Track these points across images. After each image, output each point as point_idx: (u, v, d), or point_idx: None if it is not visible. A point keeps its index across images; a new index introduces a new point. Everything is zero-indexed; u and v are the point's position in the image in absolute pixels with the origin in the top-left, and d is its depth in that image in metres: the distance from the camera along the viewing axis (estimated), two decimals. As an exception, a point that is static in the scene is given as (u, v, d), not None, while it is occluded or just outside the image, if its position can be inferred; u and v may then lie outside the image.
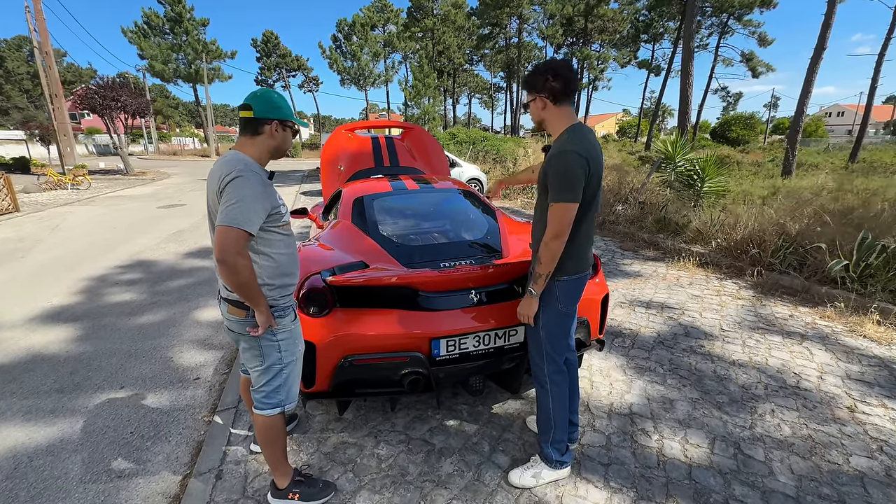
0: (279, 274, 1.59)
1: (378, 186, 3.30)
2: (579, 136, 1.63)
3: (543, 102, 1.67)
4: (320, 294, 2.00)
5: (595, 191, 1.67)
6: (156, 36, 33.76)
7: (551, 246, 1.64)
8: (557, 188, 1.59)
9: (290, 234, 1.65)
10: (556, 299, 1.77)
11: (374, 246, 2.44)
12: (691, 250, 5.10)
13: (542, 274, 1.69)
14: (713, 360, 2.87)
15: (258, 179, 1.46)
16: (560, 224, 1.61)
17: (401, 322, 2.00)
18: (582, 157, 1.57)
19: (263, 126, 1.53)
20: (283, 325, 1.62)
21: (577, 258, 1.74)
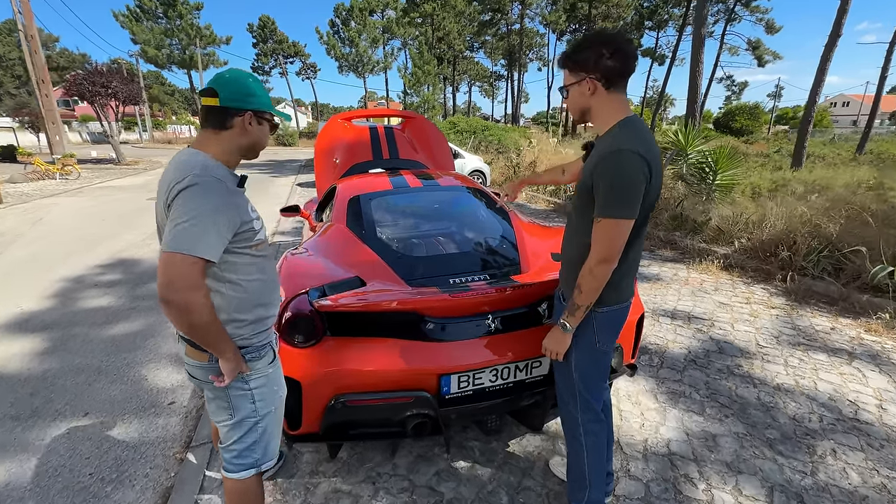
0: (252, 305, 1.26)
1: (376, 183, 2.94)
2: (636, 132, 1.27)
3: (593, 86, 1.29)
4: (307, 320, 1.66)
5: (653, 202, 1.33)
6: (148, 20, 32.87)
7: (597, 273, 1.29)
8: (610, 199, 1.24)
9: (265, 256, 1.31)
10: (594, 334, 1.43)
11: (371, 256, 2.09)
12: (713, 251, 4.76)
13: (582, 306, 1.35)
14: (755, 385, 2.55)
15: (221, 188, 1.12)
16: (611, 246, 1.27)
17: (404, 355, 1.66)
18: (642, 160, 1.21)
19: (233, 118, 1.19)
20: (258, 369, 1.30)
21: (622, 285, 1.41)
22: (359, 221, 2.43)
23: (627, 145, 1.22)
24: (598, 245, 1.28)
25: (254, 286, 1.25)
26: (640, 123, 1.31)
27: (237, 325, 1.23)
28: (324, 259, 2.13)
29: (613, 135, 1.29)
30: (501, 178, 10.76)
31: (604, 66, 1.27)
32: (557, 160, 11.26)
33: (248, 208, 1.23)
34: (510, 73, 45.68)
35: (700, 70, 14.27)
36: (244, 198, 1.23)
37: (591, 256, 1.29)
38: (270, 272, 1.34)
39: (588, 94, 1.31)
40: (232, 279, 1.20)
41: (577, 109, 1.38)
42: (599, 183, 1.25)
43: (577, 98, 1.35)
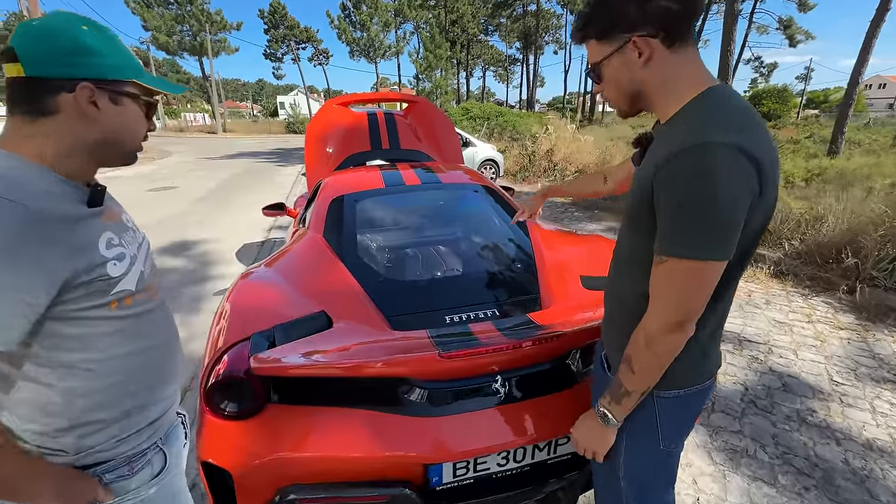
0: (117, 399, 0.81)
1: (366, 180, 2.44)
2: (732, 111, 0.76)
3: (646, 47, 0.78)
4: (241, 383, 1.19)
5: (760, 227, 0.81)
6: (159, 6, 32.55)
7: (660, 345, 0.81)
8: (685, 228, 0.74)
9: (145, 312, 0.84)
10: (656, 429, 0.93)
11: (347, 281, 1.61)
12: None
13: (634, 392, 0.88)
14: (838, 440, 2.01)
15: (24, 218, 0.64)
16: (684, 303, 0.79)
17: (378, 434, 1.18)
18: (746, 159, 0.71)
19: (55, 96, 0.70)
20: (133, 492, 0.84)
21: (702, 357, 0.91)
22: (338, 231, 1.94)
23: (718, 135, 0.71)
24: (662, 301, 0.81)
25: (117, 367, 0.80)
26: (734, 97, 0.79)
27: (82, 434, 0.77)
28: (286, 284, 1.65)
29: (690, 119, 0.78)
30: (516, 167, 10.13)
31: (656, 9, 0.76)
32: (576, 148, 10.56)
33: (101, 242, 0.75)
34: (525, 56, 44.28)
35: (732, 49, 13.27)
36: (93, 225, 0.76)
37: (650, 318, 0.82)
38: (156, 337, 0.87)
39: (639, 65, 0.81)
40: (66, 362, 0.74)
41: (623, 94, 0.88)
42: (666, 199, 0.76)
43: (621, 76, 0.84)
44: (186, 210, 7.30)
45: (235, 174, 11.57)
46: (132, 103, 0.78)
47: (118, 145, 0.79)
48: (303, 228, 2.29)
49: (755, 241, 0.82)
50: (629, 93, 0.87)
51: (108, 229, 0.78)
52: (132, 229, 0.88)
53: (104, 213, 0.79)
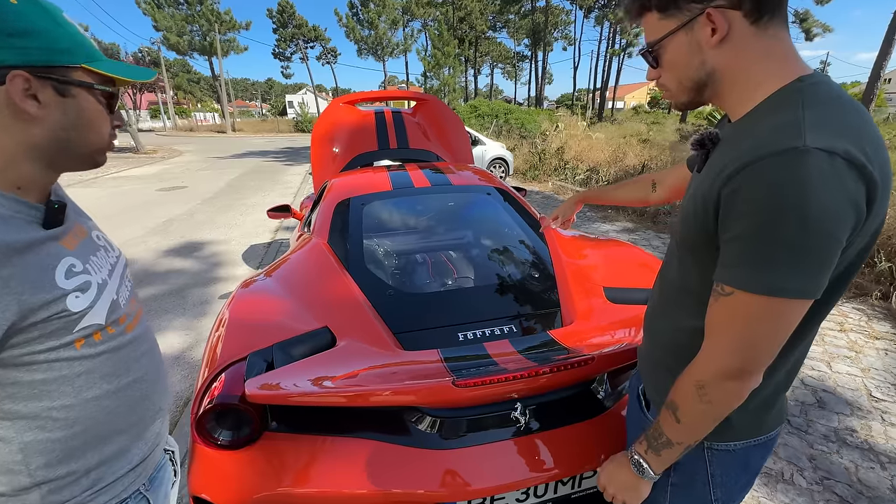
0: (90, 447, 0.69)
1: (373, 182, 2.33)
2: (839, 108, 0.59)
3: (724, 22, 0.62)
4: (236, 410, 1.08)
5: (863, 253, 0.64)
6: (170, 6, 32.82)
7: (716, 394, 0.66)
8: (762, 256, 0.58)
9: (122, 346, 0.72)
10: (708, 488, 0.79)
11: (353, 294, 1.50)
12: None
13: (678, 444, 0.72)
14: (882, 464, 1.85)
15: None
16: (751, 347, 0.63)
17: (383, 467, 1.07)
18: (851, 166, 0.54)
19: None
20: None
21: (770, 408, 0.76)
22: (343, 238, 1.84)
23: (816, 139, 0.55)
24: (722, 342, 0.65)
25: (90, 411, 0.68)
26: (836, 90, 0.61)
27: (51, 489, 0.66)
28: (288, 295, 1.55)
29: (775, 116, 0.61)
30: (525, 165, 9.96)
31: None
32: (587, 146, 10.36)
33: (60, 270, 0.63)
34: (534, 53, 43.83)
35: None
36: (51, 250, 0.63)
37: (705, 361, 0.67)
38: (133, 370, 0.75)
39: (712, 45, 0.64)
40: (27, 413, 0.63)
41: (687, 83, 0.70)
42: (738, 216, 0.60)
43: (688, 59, 0.67)
44: (194, 210, 7.27)
45: (244, 173, 11.56)
46: (86, 94, 0.65)
47: (73, 147, 0.65)
48: (307, 233, 2.19)
49: (851, 273, 0.66)
50: (695, 81, 0.69)
51: (70, 254, 0.66)
52: (104, 247, 0.77)
53: (65, 235, 0.67)
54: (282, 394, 1.02)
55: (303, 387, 1.04)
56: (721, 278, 0.63)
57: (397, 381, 1.06)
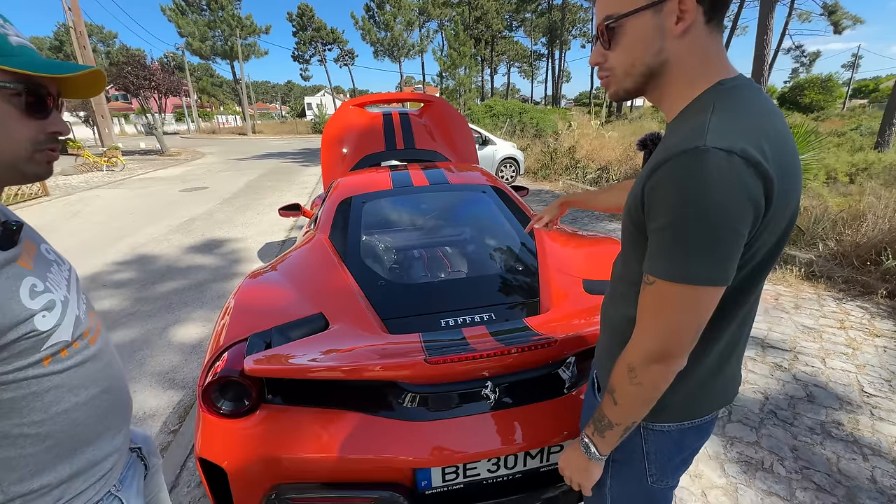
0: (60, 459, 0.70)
1: (375, 182, 2.46)
2: (745, 111, 0.65)
3: (690, 13, 0.64)
4: (236, 384, 1.22)
5: (774, 250, 0.70)
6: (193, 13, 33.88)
7: (644, 377, 0.71)
8: (676, 246, 0.64)
9: (86, 360, 0.72)
10: (643, 463, 0.86)
11: (347, 283, 1.63)
12: (790, 254, 3.94)
13: (617, 425, 0.78)
14: (865, 456, 1.89)
15: None
16: (673, 332, 0.68)
17: (367, 437, 1.20)
18: (748, 166, 0.60)
19: None
20: None
21: (700, 390, 0.80)
22: (342, 233, 1.97)
23: (719, 138, 0.60)
24: (647, 327, 0.71)
25: (60, 425, 0.69)
26: (754, 93, 0.67)
27: (25, 502, 0.69)
28: (289, 285, 1.69)
29: (693, 116, 0.66)
30: (537, 165, 9.99)
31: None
32: (599, 145, 10.31)
33: (23, 292, 0.62)
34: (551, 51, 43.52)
35: (768, 38, 12.66)
36: (11, 272, 0.62)
37: (633, 345, 0.73)
38: (98, 382, 0.75)
39: (674, 34, 0.66)
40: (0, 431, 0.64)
41: (637, 68, 0.70)
42: (656, 211, 0.66)
43: (647, 43, 0.68)
44: (214, 210, 7.57)
45: (262, 174, 11.92)
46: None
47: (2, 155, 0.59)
48: (312, 230, 2.34)
49: (767, 263, 0.71)
50: (648, 67, 0.69)
51: (30, 274, 0.64)
52: (55, 262, 0.74)
53: (21, 254, 0.65)
54: (276, 368, 1.15)
55: (294, 362, 1.17)
56: (646, 269, 0.69)
57: (378, 359, 1.18)
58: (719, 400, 0.84)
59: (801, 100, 31.04)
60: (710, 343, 0.74)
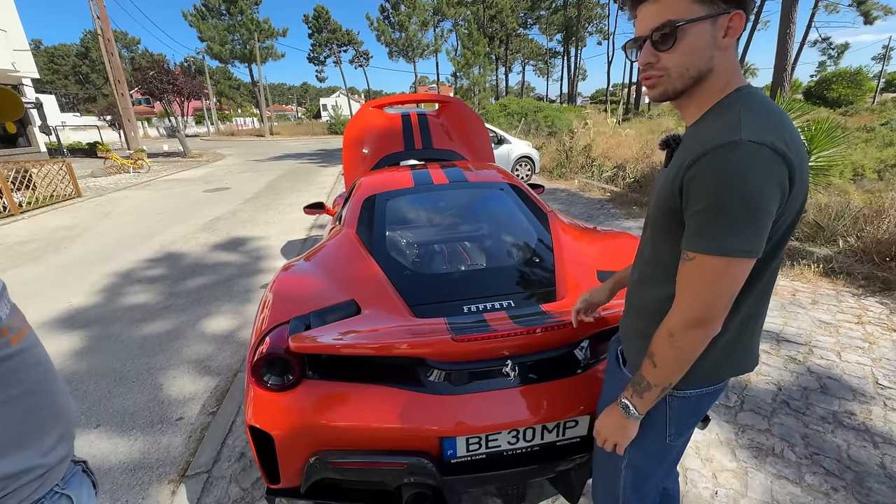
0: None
1: (397, 180, 2.59)
2: (766, 112, 0.76)
3: (736, 28, 0.76)
4: (281, 360, 1.36)
5: (791, 225, 0.82)
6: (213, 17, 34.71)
7: (683, 341, 0.81)
8: (714, 224, 0.75)
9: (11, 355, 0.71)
10: (665, 426, 0.96)
11: (376, 274, 1.76)
12: (808, 251, 3.93)
13: (656, 386, 0.88)
14: (875, 443, 1.93)
15: None
16: (711, 299, 0.78)
17: (398, 409, 1.32)
18: (776, 155, 0.72)
19: None
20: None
21: (724, 358, 0.90)
22: (369, 228, 2.10)
23: (751, 133, 0.72)
24: (687, 297, 0.81)
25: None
26: (765, 98, 0.80)
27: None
28: (322, 275, 1.83)
29: (721, 117, 0.78)
30: (552, 163, 10.02)
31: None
32: (615, 143, 10.27)
33: None
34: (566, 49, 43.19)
35: (791, 31, 12.39)
36: None
37: (674, 314, 0.82)
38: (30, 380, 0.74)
39: (720, 44, 0.77)
40: None
41: (693, 69, 0.79)
42: (696, 196, 0.76)
43: (704, 47, 0.77)
44: (237, 209, 7.84)
45: (281, 175, 12.22)
46: None
47: None
48: (339, 225, 2.48)
49: (782, 244, 0.83)
50: (700, 71, 0.79)
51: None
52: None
53: None
54: (317, 345, 1.28)
55: (332, 341, 1.30)
56: (686, 247, 0.79)
57: (409, 338, 1.30)
58: (737, 367, 0.94)
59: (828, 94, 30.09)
60: (733, 313, 0.84)
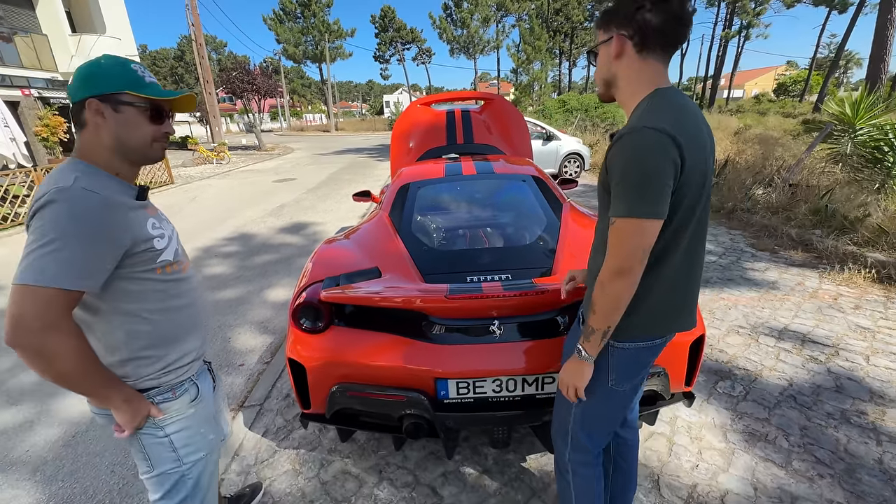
0: (162, 342, 1.06)
1: (431, 171, 2.90)
2: (666, 106, 0.99)
3: (620, 46, 1.02)
4: (314, 308, 1.72)
5: (695, 200, 1.01)
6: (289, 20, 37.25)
7: (610, 289, 1.02)
8: (624, 192, 0.97)
9: (182, 279, 1.10)
10: (607, 371, 1.17)
11: (398, 249, 2.08)
12: (864, 256, 3.69)
13: (598, 330, 1.07)
14: (879, 441, 1.92)
15: (101, 203, 0.90)
16: (626, 253, 0.99)
17: (403, 353, 1.62)
18: (667, 138, 0.93)
19: (81, 114, 0.96)
20: (175, 411, 1.09)
21: (647, 316, 1.09)
22: (400, 211, 2.43)
23: (648, 122, 0.94)
24: (611, 253, 1.01)
25: (162, 317, 1.05)
26: (676, 95, 1.01)
27: (140, 364, 1.03)
28: (356, 248, 2.18)
29: (636, 112, 1.02)
30: (605, 160, 9.81)
31: (639, 19, 0.98)
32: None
33: (148, 224, 1.01)
34: (635, 41, 40.97)
35: (893, 16, 11.02)
36: (142, 213, 1.02)
37: (604, 268, 1.03)
38: (188, 299, 1.12)
39: (613, 57, 1.04)
40: (130, 310, 1.00)
41: (601, 79, 1.10)
42: (612, 173, 0.99)
43: (602, 63, 1.08)
44: (301, 198, 8.61)
45: (342, 168, 13.07)
46: (131, 110, 0.97)
47: (125, 144, 0.98)
48: (377, 209, 2.83)
49: (692, 211, 1.01)
50: (603, 80, 1.10)
51: (152, 217, 1.04)
52: (166, 221, 1.12)
53: (148, 207, 1.06)
54: (343, 297, 1.62)
55: (356, 293, 1.63)
56: (610, 214, 1.00)
57: (414, 294, 1.60)
58: (670, 326, 1.14)
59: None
60: (659, 278, 1.05)
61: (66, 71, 13.39)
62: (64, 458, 2.10)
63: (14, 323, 0.84)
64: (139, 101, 0.98)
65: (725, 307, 3.21)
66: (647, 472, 1.82)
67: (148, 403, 1.04)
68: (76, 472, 2.02)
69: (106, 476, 1.99)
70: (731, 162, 7.01)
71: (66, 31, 13.70)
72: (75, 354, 0.90)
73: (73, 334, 0.90)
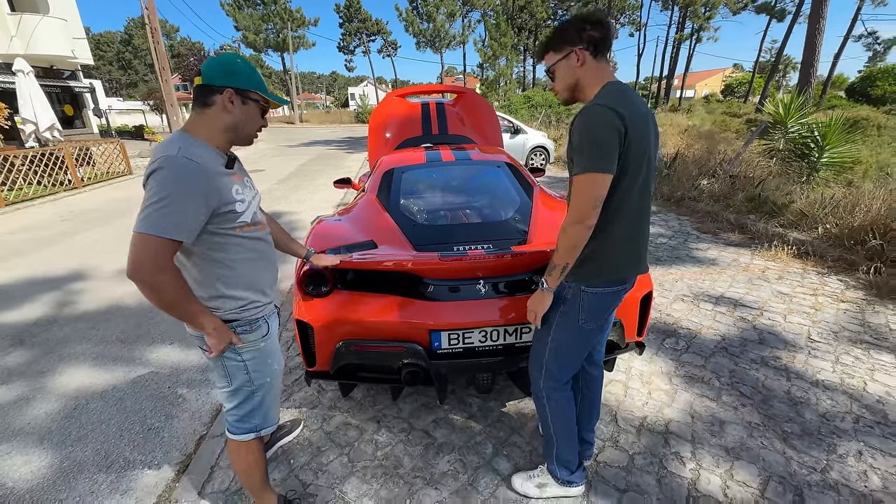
0: (241, 285, 1.30)
1: (412, 158, 3.12)
2: (616, 91, 1.29)
3: (581, 56, 1.31)
4: (319, 274, 1.92)
5: (638, 166, 1.30)
6: (248, 7, 35.83)
7: (570, 233, 1.29)
8: (580, 153, 1.24)
9: (258, 238, 1.34)
10: (578, 311, 1.45)
11: (390, 224, 2.30)
12: (788, 236, 4.26)
13: (558, 265, 1.35)
14: (789, 378, 2.36)
15: (196, 170, 1.11)
16: (583, 203, 1.25)
17: (401, 310, 1.86)
18: (612, 112, 1.22)
19: (213, 95, 1.19)
20: (251, 342, 1.35)
21: (610, 263, 1.38)
22: (387, 193, 2.65)
23: (600, 101, 1.25)
24: (571, 205, 1.29)
25: (245, 267, 1.30)
26: (620, 85, 1.32)
27: (224, 301, 1.28)
28: (350, 225, 2.39)
29: (595, 97, 1.31)
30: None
31: (588, 36, 1.30)
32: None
33: (233, 190, 1.23)
34: (596, 40, 42.36)
35: (821, 26, 12.18)
36: (229, 179, 1.22)
37: (567, 216, 1.31)
38: (263, 252, 1.36)
39: (577, 66, 1.33)
40: (216, 258, 1.24)
41: (566, 86, 1.38)
42: (571, 140, 1.28)
43: (566, 73, 1.36)
44: (272, 189, 8.56)
45: (311, 159, 12.95)
46: (253, 105, 1.24)
47: (239, 129, 1.24)
48: (363, 193, 3.03)
49: (637, 174, 1.30)
50: (569, 86, 1.38)
51: (236, 184, 1.25)
52: (250, 187, 1.35)
53: (235, 174, 1.27)
54: (357, 262, 1.83)
55: (357, 259, 1.85)
56: (571, 174, 1.31)
57: (409, 258, 1.84)
58: (626, 271, 1.43)
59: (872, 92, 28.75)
60: (614, 230, 1.35)
61: (5, 53, 12.41)
62: (69, 428, 2.20)
63: (136, 262, 1.07)
64: (261, 101, 1.25)
65: (673, 280, 3.66)
66: (607, 410, 2.16)
67: (231, 333, 1.28)
68: (84, 438, 2.13)
69: (115, 440, 2.11)
70: (680, 156, 7.64)
71: (6, 10, 12.71)
72: (177, 289, 1.14)
73: (176, 274, 1.13)
